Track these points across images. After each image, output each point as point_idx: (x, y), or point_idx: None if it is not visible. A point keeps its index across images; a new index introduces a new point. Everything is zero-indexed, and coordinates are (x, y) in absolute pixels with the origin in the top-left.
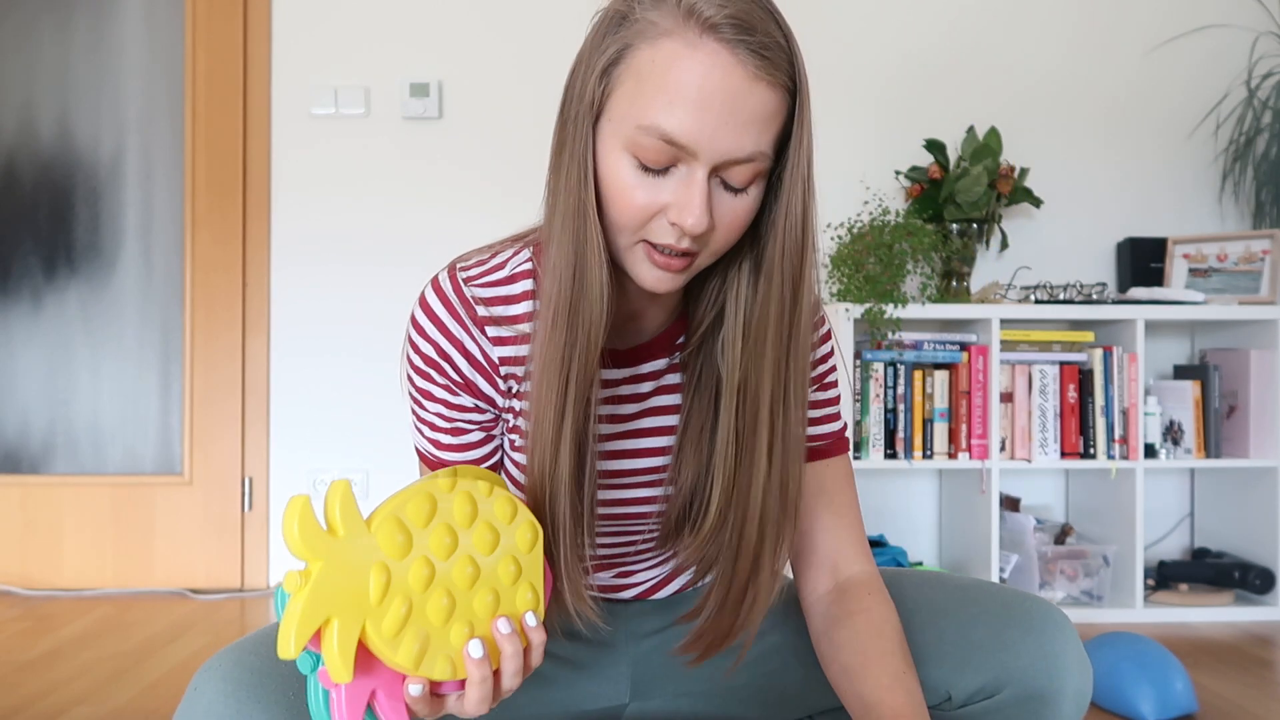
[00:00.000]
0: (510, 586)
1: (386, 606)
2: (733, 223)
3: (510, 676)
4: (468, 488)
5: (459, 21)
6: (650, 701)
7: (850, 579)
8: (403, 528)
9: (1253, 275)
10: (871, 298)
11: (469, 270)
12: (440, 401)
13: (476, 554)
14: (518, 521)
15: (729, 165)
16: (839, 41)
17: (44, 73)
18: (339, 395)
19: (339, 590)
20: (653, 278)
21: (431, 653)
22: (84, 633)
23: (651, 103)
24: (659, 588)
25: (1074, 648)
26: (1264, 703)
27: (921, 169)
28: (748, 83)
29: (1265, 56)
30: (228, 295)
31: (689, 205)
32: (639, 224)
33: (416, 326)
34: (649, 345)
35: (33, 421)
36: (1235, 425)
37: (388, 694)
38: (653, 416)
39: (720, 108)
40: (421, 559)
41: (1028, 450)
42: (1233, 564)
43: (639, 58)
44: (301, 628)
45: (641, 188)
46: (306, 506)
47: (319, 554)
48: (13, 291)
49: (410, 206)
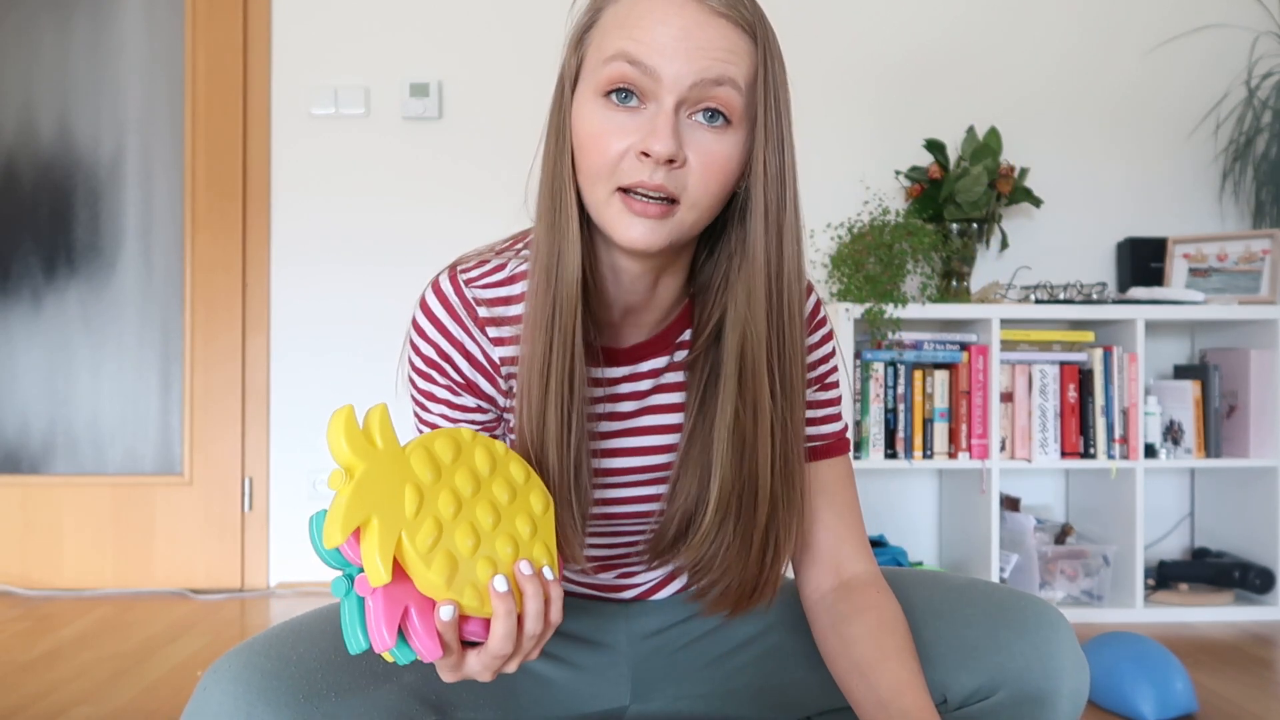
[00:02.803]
0: (528, 540)
1: (420, 523)
2: (710, 163)
3: (533, 619)
4: (486, 443)
5: (459, 21)
6: (650, 703)
7: (855, 576)
8: (433, 459)
9: (1253, 275)
10: (871, 298)
11: (469, 271)
12: (443, 403)
13: (497, 501)
14: (531, 485)
15: (696, 93)
16: (839, 41)
17: (44, 73)
18: (339, 395)
19: (380, 495)
20: (634, 231)
21: (460, 580)
22: (84, 633)
23: (617, 35)
24: (659, 588)
25: (1070, 647)
26: (1264, 703)
27: (921, 169)
28: (706, 14)
29: (1265, 56)
30: (228, 295)
31: (655, 131)
32: (611, 166)
33: (418, 329)
34: (649, 343)
35: (33, 421)
36: (1235, 425)
37: (420, 615)
38: (652, 415)
39: (680, 31)
40: (450, 490)
41: (1028, 450)
42: (1233, 564)
43: (605, 16)
44: (347, 519)
45: (612, 128)
46: (351, 415)
47: (364, 457)
48: (13, 291)
49: (410, 206)
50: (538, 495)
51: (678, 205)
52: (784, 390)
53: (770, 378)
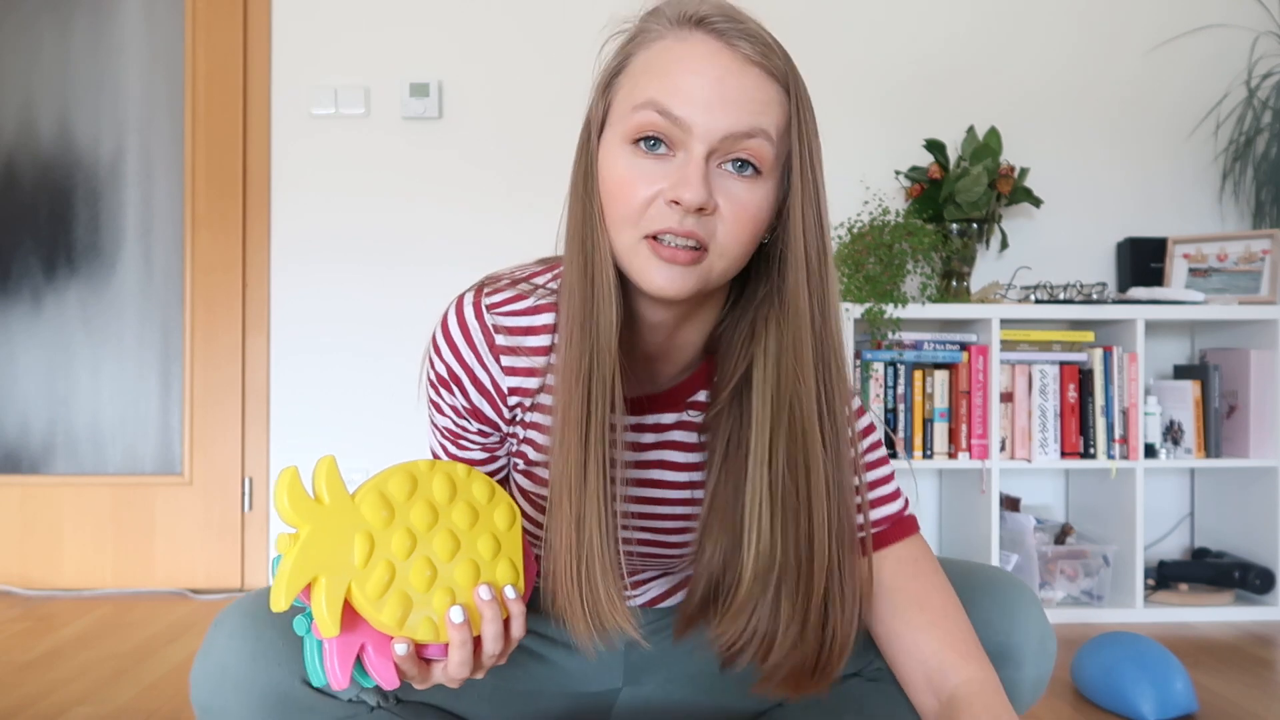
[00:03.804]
0: (490, 561)
1: (371, 570)
2: (741, 212)
3: (491, 640)
4: (446, 470)
5: (459, 21)
6: (643, 687)
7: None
8: (385, 501)
9: (1253, 275)
10: (871, 298)
11: (494, 297)
12: (448, 417)
13: (456, 529)
14: (496, 501)
15: (728, 145)
16: (839, 41)
17: (44, 73)
18: (339, 395)
19: (326, 552)
20: (661, 277)
21: (414, 615)
22: (84, 633)
23: (648, 83)
24: (662, 599)
25: (1035, 614)
26: (1264, 703)
27: (921, 169)
28: (739, 63)
29: (1265, 56)
30: (228, 295)
31: (685, 179)
32: (639, 213)
33: (435, 345)
34: (659, 398)
35: (33, 421)
36: (1235, 425)
37: (377, 651)
38: (654, 469)
39: (713, 82)
40: (403, 530)
41: (1028, 450)
42: (1233, 564)
43: (635, 62)
44: (291, 583)
45: (640, 175)
46: (295, 477)
47: (307, 519)
48: (13, 291)
49: (410, 206)
50: (503, 512)
51: (706, 253)
52: (836, 452)
53: (822, 435)
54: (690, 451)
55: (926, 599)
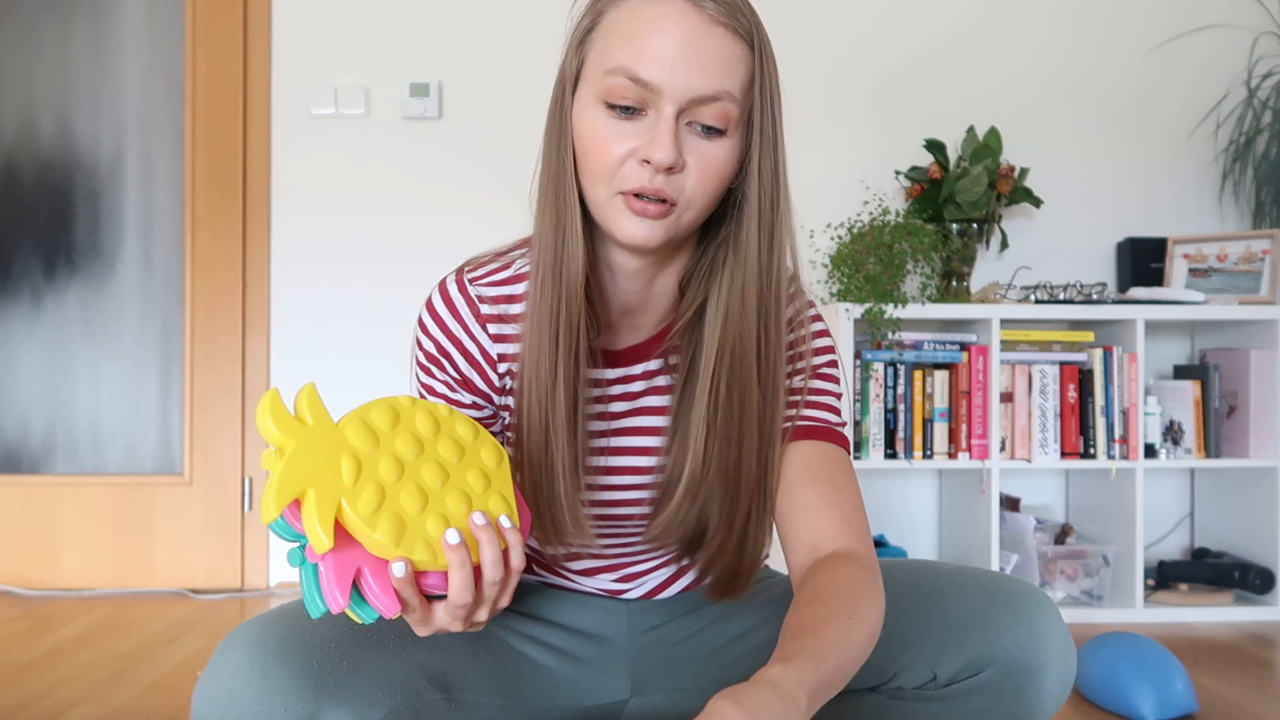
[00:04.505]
0: (481, 493)
1: (360, 488)
2: (706, 167)
3: (490, 566)
4: (428, 407)
5: (459, 21)
6: (650, 697)
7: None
8: (369, 429)
9: (1253, 275)
10: (871, 298)
11: (476, 271)
12: (441, 396)
13: (444, 461)
14: (481, 441)
15: (696, 105)
16: (839, 41)
17: (44, 73)
18: (339, 396)
19: (314, 467)
20: (633, 227)
21: (409, 537)
22: (84, 633)
23: (619, 48)
24: (662, 589)
25: (1056, 625)
26: (1264, 703)
27: (921, 169)
28: (706, 24)
29: (1265, 56)
30: (228, 295)
31: (656, 139)
32: (613, 170)
33: (421, 325)
34: (643, 345)
35: (33, 421)
36: (1235, 425)
37: (374, 575)
38: (643, 416)
39: (680, 44)
40: (390, 455)
41: (1028, 450)
42: (1233, 564)
43: (606, 21)
44: (280, 493)
45: (613, 134)
46: (277, 397)
47: (292, 434)
48: (13, 291)
49: (410, 206)
50: (490, 450)
51: (675, 206)
52: (771, 384)
53: (759, 370)
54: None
55: (830, 488)
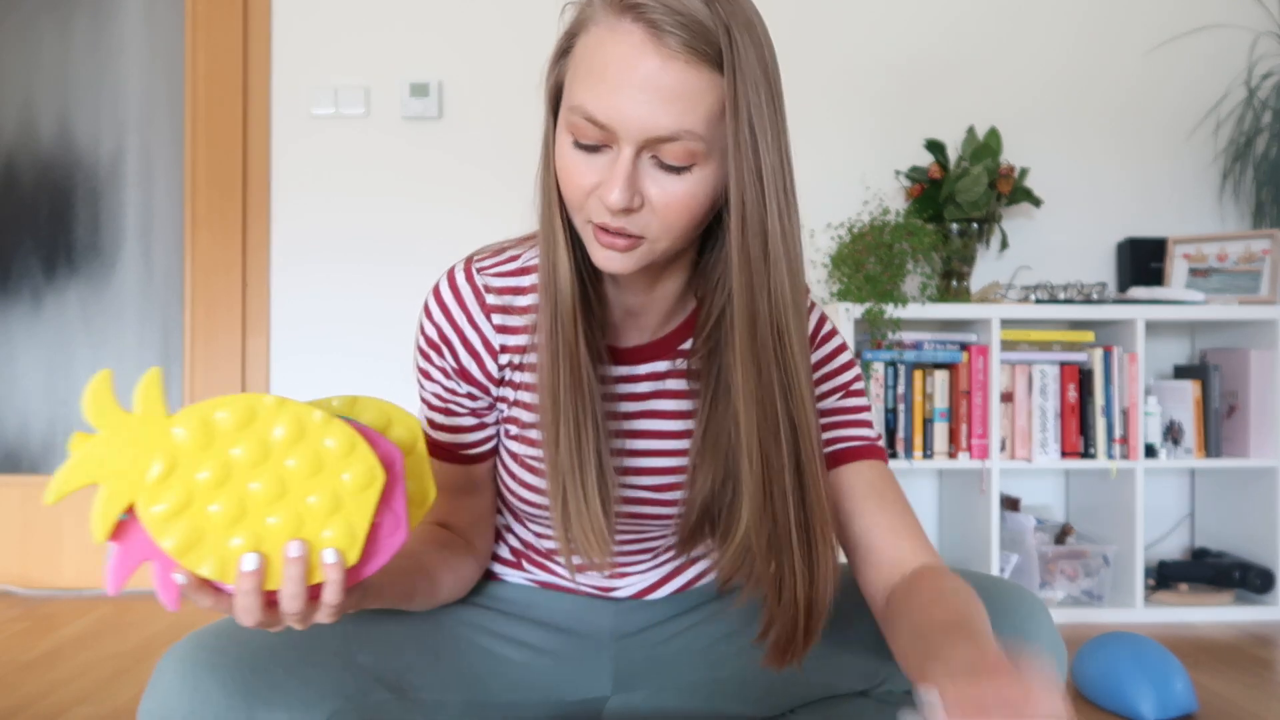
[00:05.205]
0: (322, 517)
1: (162, 490)
2: (671, 203)
3: (288, 599)
4: (298, 411)
5: (459, 21)
6: (633, 694)
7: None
8: (205, 428)
9: (1253, 275)
10: (871, 298)
11: (483, 261)
12: (437, 382)
13: (289, 475)
14: (353, 459)
15: (655, 144)
16: (839, 41)
17: (44, 73)
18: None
19: (115, 461)
20: (601, 257)
21: (203, 549)
22: (84, 633)
23: (580, 85)
24: (654, 589)
25: (1046, 625)
26: (1264, 703)
27: (921, 169)
28: (664, 59)
29: (1265, 56)
30: (228, 295)
31: (609, 182)
32: (581, 202)
33: (426, 310)
34: (650, 347)
35: (33, 421)
36: (1235, 425)
37: (162, 570)
38: (650, 419)
39: (635, 85)
40: (219, 461)
41: (1028, 450)
42: (1233, 564)
43: (577, 48)
44: (63, 483)
45: (579, 167)
46: (107, 380)
47: (103, 424)
48: (13, 291)
49: (411, 206)
50: (359, 470)
51: (644, 239)
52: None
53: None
54: (683, 399)
55: (895, 504)
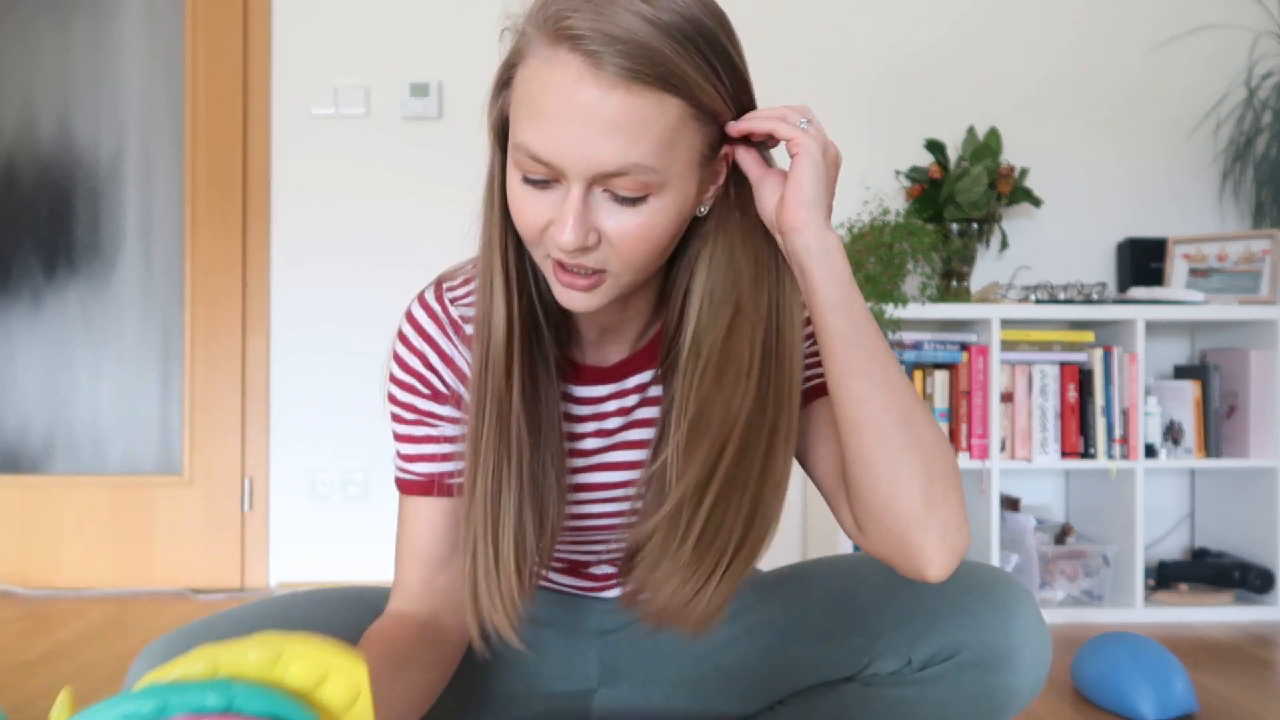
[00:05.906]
0: None
1: None
2: (626, 237)
3: None
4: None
5: (459, 21)
6: (619, 688)
7: None
8: None
9: (1253, 275)
10: (871, 298)
11: (455, 290)
12: (424, 413)
13: None
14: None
15: (605, 179)
16: (840, 41)
17: (44, 73)
18: (339, 395)
19: None
20: (563, 296)
21: None
22: (84, 633)
23: (522, 121)
24: None
25: (1030, 612)
26: (1264, 703)
27: (921, 169)
28: (604, 89)
29: (1265, 56)
30: (228, 295)
31: (560, 220)
32: (537, 237)
33: (404, 339)
34: (632, 359)
35: (33, 421)
36: (1235, 425)
37: None
38: (637, 429)
39: (575, 120)
40: None
41: (1028, 450)
42: (1233, 564)
43: (517, 78)
44: None
45: (530, 205)
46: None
47: None
48: (13, 291)
49: (411, 206)
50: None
51: (606, 273)
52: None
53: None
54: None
55: None
